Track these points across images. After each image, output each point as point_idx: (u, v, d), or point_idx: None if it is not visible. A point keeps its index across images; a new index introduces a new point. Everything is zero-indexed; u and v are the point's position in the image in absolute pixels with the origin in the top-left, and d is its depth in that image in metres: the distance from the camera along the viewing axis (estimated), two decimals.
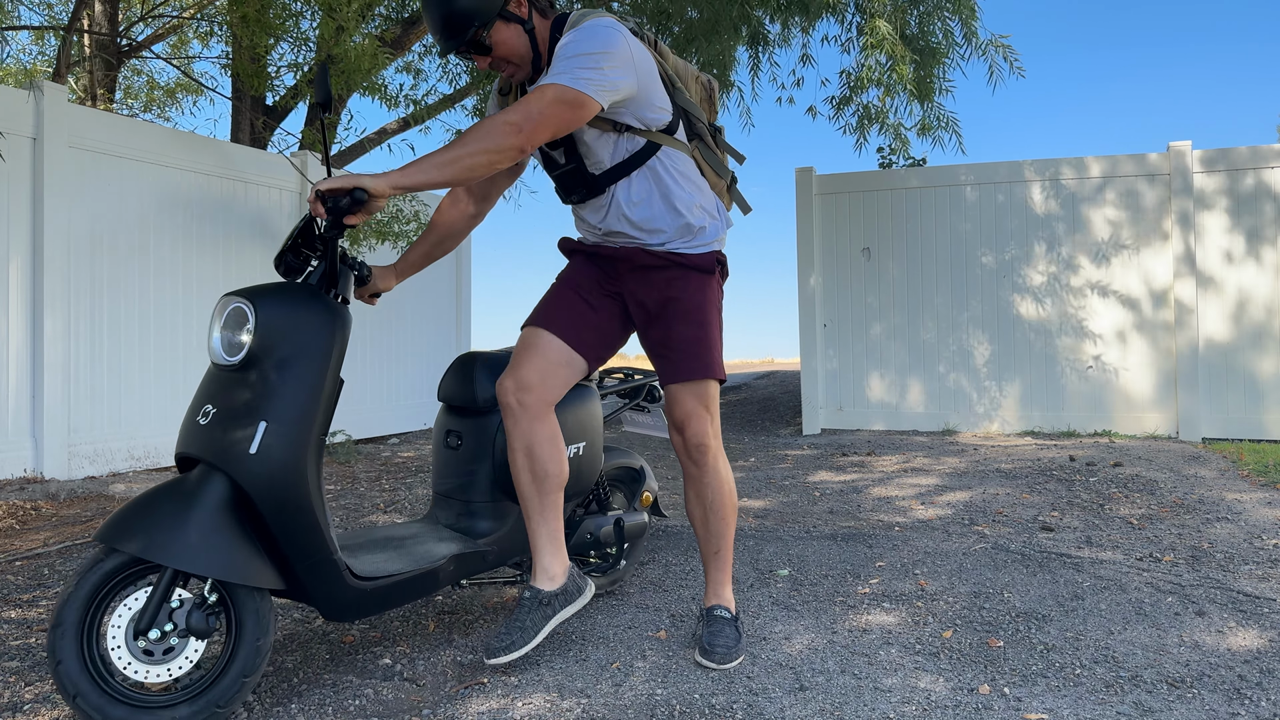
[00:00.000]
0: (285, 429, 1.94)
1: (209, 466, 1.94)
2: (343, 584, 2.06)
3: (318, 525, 1.99)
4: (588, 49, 2.13)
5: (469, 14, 2.19)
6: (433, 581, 2.29)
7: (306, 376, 1.98)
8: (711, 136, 2.49)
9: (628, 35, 2.22)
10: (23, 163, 4.78)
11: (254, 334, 1.96)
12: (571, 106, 2.10)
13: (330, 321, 2.05)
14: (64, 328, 4.92)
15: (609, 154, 2.33)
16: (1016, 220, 7.38)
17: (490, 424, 2.54)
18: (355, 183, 1.96)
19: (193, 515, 1.89)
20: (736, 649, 2.37)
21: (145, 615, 1.86)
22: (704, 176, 2.46)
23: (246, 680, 1.93)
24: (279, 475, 1.93)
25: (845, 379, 7.73)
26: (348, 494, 4.78)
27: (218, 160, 5.84)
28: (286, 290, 2.05)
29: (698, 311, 2.37)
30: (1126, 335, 7.08)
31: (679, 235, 2.39)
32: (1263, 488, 4.81)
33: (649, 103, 2.28)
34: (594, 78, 2.11)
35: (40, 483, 4.65)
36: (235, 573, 1.89)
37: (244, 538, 1.92)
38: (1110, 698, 2.16)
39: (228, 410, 1.96)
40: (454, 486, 2.55)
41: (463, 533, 2.49)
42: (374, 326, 7.06)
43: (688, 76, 2.44)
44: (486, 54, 2.27)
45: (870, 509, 4.45)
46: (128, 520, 1.89)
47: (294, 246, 2.13)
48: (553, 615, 2.32)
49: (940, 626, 2.66)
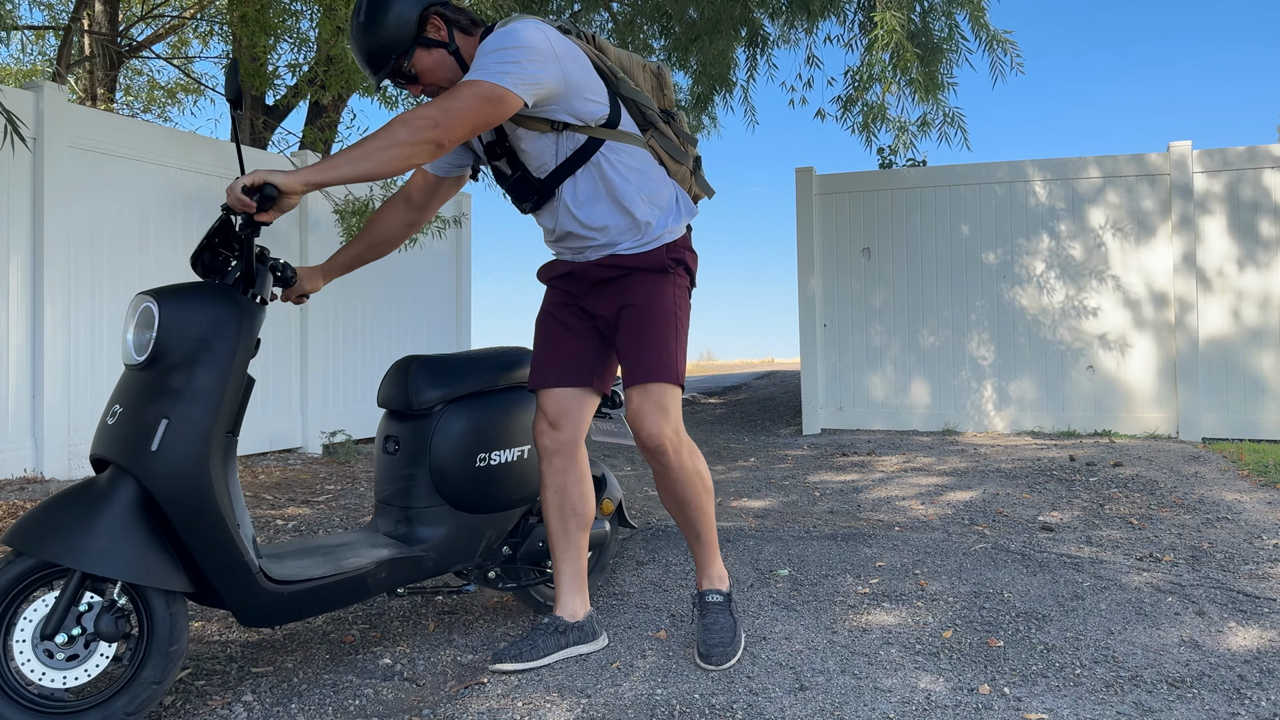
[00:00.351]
0: (187, 426, 1.92)
1: (119, 468, 1.92)
2: (256, 587, 2.02)
3: (224, 524, 1.95)
4: (506, 44, 2.12)
5: (385, 48, 2.20)
6: (360, 588, 2.23)
7: (210, 374, 1.96)
8: (667, 123, 2.45)
9: (550, 31, 2.20)
10: (23, 163, 4.78)
11: (157, 331, 1.95)
12: (490, 101, 2.07)
13: (235, 319, 2.01)
14: (64, 327, 4.92)
15: (551, 155, 2.31)
16: (1017, 220, 7.38)
17: (426, 427, 2.46)
18: (266, 179, 1.94)
19: (101, 517, 1.87)
20: (733, 645, 2.38)
21: (52, 619, 1.84)
22: (663, 165, 2.43)
23: (158, 686, 1.90)
24: (181, 473, 1.90)
25: (845, 379, 7.73)
26: (348, 494, 4.78)
27: (218, 160, 5.84)
28: (195, 289, 2.02)
29: (647, 313, 2.33)
30: (1127, 335, 7.08)
31: (625, 234, 2.34)
32: (1263, 488, 4.81)
33: (579, 96, 2.23)
34: (513, 71, 2.09)
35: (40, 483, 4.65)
36: (144, 575, 1.86)
37: (154, 540, 1.90)
38: (1110, 698, 2.16)
39: (132, 409, 1.95)
40: (392, 492, 2.48)
41: (401, 540, 2.41)
42: (374, 326, 7.07)
43: (633, 67, 2.40)
44: (415, 82, 2.28)
45: (870, 509, 4.45)
46: (36, 523, 1.86)
47: (211, 246, 2.10)
48: (566, 645, 2.38)
49: (940, 626, 2.66)
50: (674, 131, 2.46)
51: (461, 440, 2.46)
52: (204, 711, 2.09)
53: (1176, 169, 6.93)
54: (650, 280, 2.35)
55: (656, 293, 2.35)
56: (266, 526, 3.97)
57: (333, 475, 5.38)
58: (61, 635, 1.84)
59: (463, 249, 8.02)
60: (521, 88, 2.11)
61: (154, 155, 5.45)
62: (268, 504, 4.46)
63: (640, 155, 2.36)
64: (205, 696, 2.18)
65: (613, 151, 2.31)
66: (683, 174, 2.48)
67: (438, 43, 2.24)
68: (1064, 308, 7.22)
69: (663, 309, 2.34)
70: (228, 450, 2.02)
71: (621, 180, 2.31)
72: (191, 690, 2.22)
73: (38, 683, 1.83)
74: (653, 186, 2.37)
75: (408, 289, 7.39)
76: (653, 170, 2.39)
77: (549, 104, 2.21)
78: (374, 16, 2.20)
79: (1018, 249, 7.35)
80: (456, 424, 2.47)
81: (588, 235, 2.35)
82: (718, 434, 7.71)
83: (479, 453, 2.47)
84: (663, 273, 2.36)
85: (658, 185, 2.38)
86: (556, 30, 2.25)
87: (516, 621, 2.72)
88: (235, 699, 2.16)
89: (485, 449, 2.49)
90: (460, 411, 2.48)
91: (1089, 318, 7.16)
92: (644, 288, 2.35)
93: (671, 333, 2.34)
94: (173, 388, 1.94)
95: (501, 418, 2.54)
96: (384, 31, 2.20)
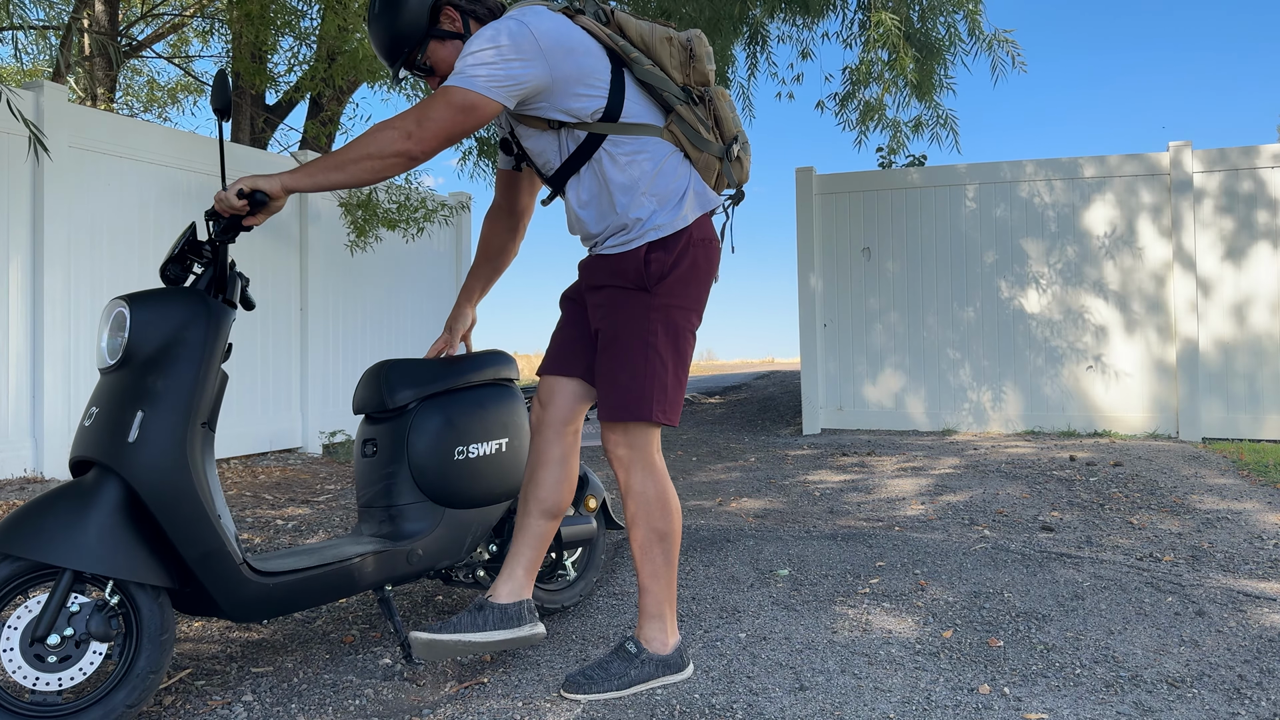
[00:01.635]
0: (163, 416, 1.94)
1: (102, 468, 1.94)
2: (240, 578, 2.03)
3: (205, 514, 1.97)
4: (485, 44, 2.03)
5: (398, 40, 2.18)
6: (348, 580, 2.23)
7: (183, 369, 1.99)
8: (691, 104, 2.24)
9: (541, 21, 2.08)
10: (23, 163, 4.78)
11: (129, 331, 1.98)
12: (463, 110, 2.00)
13: (205, 317, 2.04)
14: (64, 328, 4.92)
15: (555, 154, 2.22)
16: (1017, 219, 7.38)
17: (402, 424, 2.44)
18: (255, 185, 2.00)
19: (90, 517, 1.88)
20: (599, 686, 2.14)
21: (43, 621, 1.83)
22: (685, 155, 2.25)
23: (154, 675, 1.92)
24: (159, 462, 1.92)
25: (845, 379, 7.73)
26: (348, 494, 4.78)
27: (217, 160, 5.84)
28: (166, 293, 2.07)
29: (614, 343, 2.19)
30: (1126, 334, 7.08)
31: (614, 232, 2.21)
32: (1263, 488, 4.81)
33: (568, 92, 2.10)
34: (485, 75, 2.01)
35: (40, 483, 4.65)
36: (136, 572, 1.88)
37: (141, 537, 1.92)
38: (1110, 698, 2.16)
39: (108, 409, 1.97)
40: (374, 494, 2.47)
41: (386, 537, 2.41)
42: (374, 327, 7.07)
43: (656, 42, 2.20)
44: (432, 74, 2.25)
45: (870, 509, 4.45)
46: (21, 525, 1.86)
47: (178, 256, 2.14)
48: (483, 627, 2.18)
49: (940, 626, 2.66)
50: (699, 115, 2.25)
51: (439, 434, 2.45)
52: (204, 711, 2.10)
53: (1176, 168, 6.93)
54: (622, 300, 2.19)
55: (626, 318, 2.18)
56: (266, 526, 3.97)
57: (333, 475, 5.38)
58: (54, 636, 1.84)
59: (462, 248, 8.02)
60: (497, 90, 2.02)
61: (154, 155, 5.45)
62: (268, 504, 4.46)
63: (652, 146, 2.19)
64: (205, 696, 2.18)
65: (616, 146, 2.17)
66: (705, 161, 2.28)
67: (452, 34, 2.20)
68: (1064, 307, 7.22)
69: (631, 336, 2.17)
70: (205, 443, 2.04)
71: (625, 177, 2.17)
72: (191, 690, 2.22)
73: (31, 689, 1.83)
74: (662, 181, 2.19)
75: (407, 290, 7.39)
76: (666, 162, 2.20)
77: (536, 101, 2.11)
78: (387, 8, 2.17)
79: (1017, 248, 7.35)
80: (432, 419, 2.46)
81: (592, 235, 2.27)
82: (718, 434, 7.72)
83: (457, 446, 2.46)
84: (638, 290, 2.17)
85: (667, 179, 2.20)
86: (558, 14, 2.13)
87: None
88: (235, 699, 2.16)
89: (463, 442, 2.48)
90: (435, 407, 2.47)
91: (1089, 317, 7.16)
92: (615, 310, 2.19)
93: (641, 363, 2.15)
94: (147, 383, 1.97)
95: (477, 411, 2.53)
96: (396, 23, 2.17)
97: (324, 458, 6.05)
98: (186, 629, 2.65)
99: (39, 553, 1.82)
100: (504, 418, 2.59)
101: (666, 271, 2.17)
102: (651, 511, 2.21)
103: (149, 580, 1.90)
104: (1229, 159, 6.87)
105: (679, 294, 2.20)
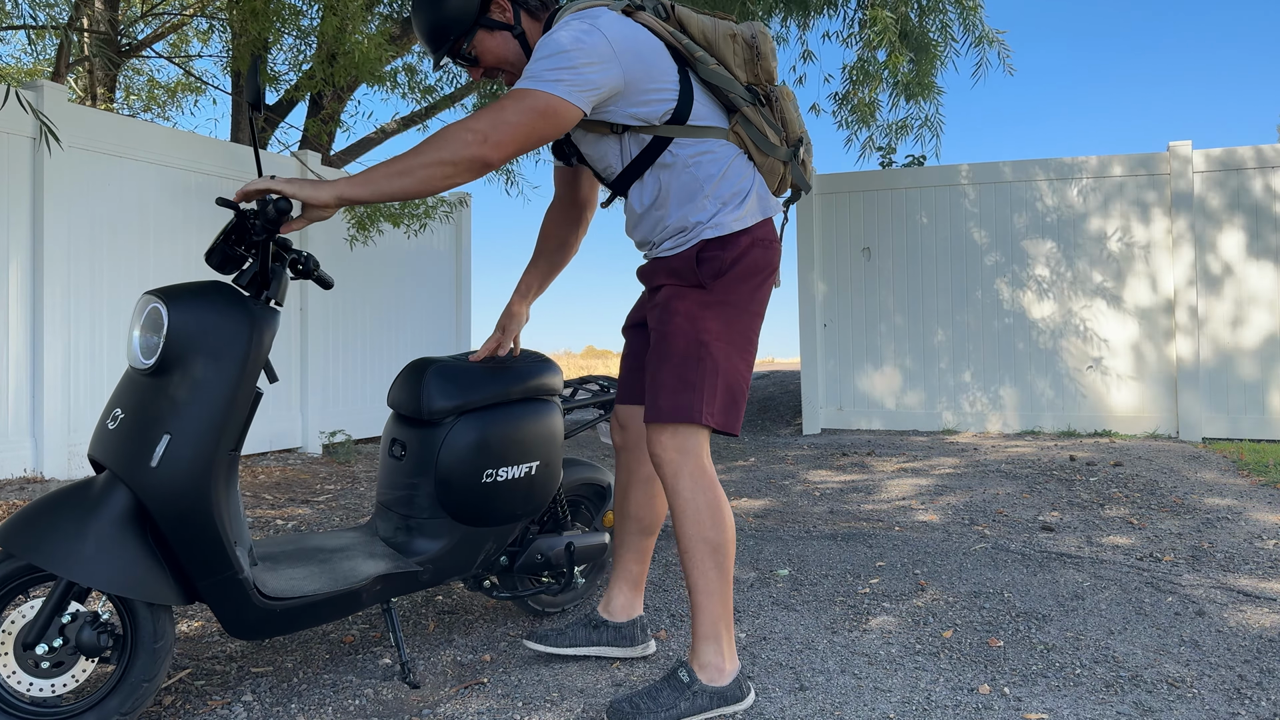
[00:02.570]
0: (189, 442, 1.85)
1: (115, 476, 1.88)
2: (248, 604, 1.95)
3: (221, 542, 1.90)
4: (562, 47, 1.92)
5: (445, 25, 2.09)
6: (353, 602, 2.16)
7: (217, 387, 1.88)
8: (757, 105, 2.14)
9: (610, 23, 1.99)
10: (23, 163, 4.78)
11: (165, 337, 1.87)
12: (544, 115, 1.89)
13: (247, 328, 1.93)
14: (64, 327, 4.92)
15: (616, 158, 2.13)
16: (1017, 219, 7.38)
17: (436, 436, 2.34)
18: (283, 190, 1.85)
19: (93, 526, 1.82)
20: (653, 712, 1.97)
21: (35, 628, 1.81)
22: (751, 159, 2.16)
23: (149, 683, 1.89)
24: (180, 490, 1.84)
25: (845, 379, 7.73)
26: (348, 494, 4.78)
27: (218, 160, 5.84)
28: (206, 291, 1.93)
29: (662, 342, 2.09)
30: (1126, 334, 7.08)
31: (672, 234, 2.12)
32: (1263, 488, 4.81)
33: (640, 95, 2.02)
34: (570, 79, 1.90)
35: (40, 483, 4.65)
36: (134, 589, 1.82)
37: (145, 551, 1.86)
38: (1110, 698, 2.16)
39: (135, 417, 1.88)
40: (395, 499, 2.41)
41: (398, 548, 2.35)
42: (374, 327, 7.06)
43: (719, 39, 2.10)
44: (476, 65, 2.17)
45: (870, 509, 4.45)
46: (27, 525, 1.83)
47: (228, 240, 1.98)
48: (596, 642, 2.38)
49: (940, 626, 2.66)
50: (765, 117, 2.15)
51: (470, 455, 2.35)
52: (204, 711, 2.09)
53: (1177, 169, 6.94)
54: (676, 298, 2.09)
55: (678, 315, 2.07)
56: (266, 526, 3.97)
57: (333, 475, 5.38)
58: (42, 645, 1.81)
59: (462, 246, 8.02)
60: (579, 96, 1.91)
61: (154, 155, 5.44)
62: (268, 504, 4.46)
63: (718, 148, 2.09)
64: (205, 696, 2.18)
65: (682, 149, 2.07)
66: (770, 165, 2.19)
67: (502, 24, 2.11)
68: (1064, 307, 7.22)
69: (682, 334, 2.06)
70: (230, 467, 1.97)
71: (690, 180, 2.07)
72: (191, 690, 2.22)
73: (25, 693, 1.82)
74: (726, 184, 2.09)
75: (408, 289, 7.39)
76: (731, 165, 2.10)
77: (606, 106, 2.02)
78: None
79: (1018, 249, 7.35)
80: (466, 438, 2.35)
81: (651, 240, 2.18)
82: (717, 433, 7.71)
83: (486, 469, 2.36)
84: (693, 288, 2.08)
85: (731, 182, 2.10)
86: (619, 15, 2.04)
87: (517, 622, 2.72)
88: (235, 699, 2.16)
89: (493, 465, 2.37)
90: (471, 424, 2.36)
91: (1089, 317, 7.16)
92: (668, 307, 2.09)
93: (693, 362, 2.04)
94: (177, 400, 1.87)
95: (512, 433, 2.42)
96: (446, 8, 2.07)
97: (324, 458, 6.05)
98: (186, 629, 2.65)
99: (38, 557, 1.79)
100: (539, 438, 2.47)
101: (724, 269, 2.07)
102: (703, 522, 2.05)
103: (149, 598, 1.84)
104: (1230, 159, 6.87)
105: (736, 292, 2.09)
